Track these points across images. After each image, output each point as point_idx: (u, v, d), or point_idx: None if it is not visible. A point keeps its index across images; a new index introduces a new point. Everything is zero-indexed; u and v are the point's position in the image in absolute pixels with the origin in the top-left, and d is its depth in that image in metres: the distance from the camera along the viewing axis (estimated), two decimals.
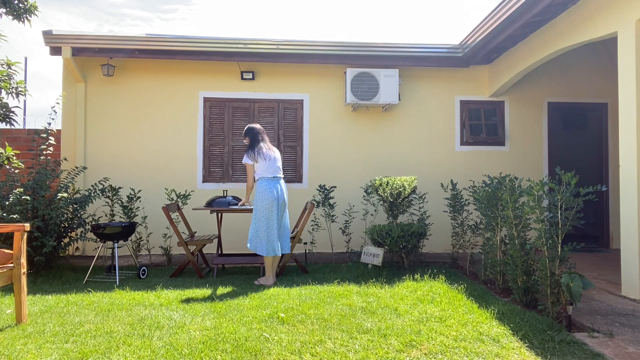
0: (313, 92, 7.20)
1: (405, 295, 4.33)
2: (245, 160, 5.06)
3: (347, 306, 3.97)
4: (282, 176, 5.12)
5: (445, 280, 4.87)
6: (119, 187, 6.22)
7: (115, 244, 5.31)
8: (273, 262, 5.01)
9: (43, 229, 5.36)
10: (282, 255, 5.68)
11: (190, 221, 6.28)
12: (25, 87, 5.06)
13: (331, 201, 6.45)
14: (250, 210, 5.19)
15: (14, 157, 5.14)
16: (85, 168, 6.39)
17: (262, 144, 5.04)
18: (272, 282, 4.93)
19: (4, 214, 5.22)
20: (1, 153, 5.03)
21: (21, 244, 3.60)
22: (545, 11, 5.28)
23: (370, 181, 6.21)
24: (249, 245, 4.97)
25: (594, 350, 2.98)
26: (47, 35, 6.30)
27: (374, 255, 5.61)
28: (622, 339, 3.19)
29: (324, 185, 6.39)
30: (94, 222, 5.79)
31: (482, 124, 7.39)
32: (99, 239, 5.41)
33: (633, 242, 4.24)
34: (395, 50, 6.83)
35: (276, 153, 5.12)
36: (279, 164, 5.11)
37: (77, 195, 5.92)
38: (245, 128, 5.18)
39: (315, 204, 6.28)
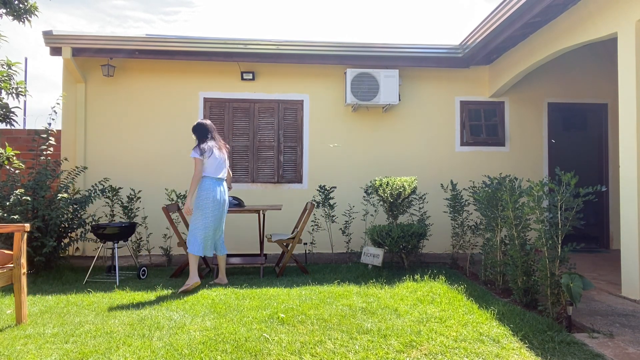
0: (313, 92, 7.20)
1: (405, 296, 4.33)
2: (193, 154, 4.81)
3: (347, 307, 3.97)
4: (225, 178, 5.01)
5: (445, 281, 4.87)
6: (119, 188, 6.22)
7: (115, 245, 5.31)
8: (198, 261, 4.88)
9: (43, 229, 5.36)
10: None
11: None
12: (25, 87, 5.06)
13: (331, 201, 6.45)
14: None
15: (14, 158, 5.14)
16: (85, 168, 6.40)
17: (211, 142, 4.89)
18: (196, 279, 4.71)
19: (5, 214, 5.22)
20: (1, 153, 5.03)
21: (21, 244, 3.60)
22: (545, 12, 5.28)
23: (370, 181, 6.21)
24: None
25: (594, 350, 2.98)
26: (48, 35, 6.30)
27: (374, 255, 5.61)
28: (622, 340, 3.19)
29: (324, 186, 6.39)
30: (94, 223, 5.78)
31: (482, 125, 7.39)
32: (99, 240, 5.42)
33: (633, 243, 4.24)
34: (395, 50, 6.84)
35: (224, 154, 5.02)
36: (227, 165, 5.04)
37: (77, 196, 5.92)
38: (195, 124, 5.00)
39: (315, 205, 6.28)
